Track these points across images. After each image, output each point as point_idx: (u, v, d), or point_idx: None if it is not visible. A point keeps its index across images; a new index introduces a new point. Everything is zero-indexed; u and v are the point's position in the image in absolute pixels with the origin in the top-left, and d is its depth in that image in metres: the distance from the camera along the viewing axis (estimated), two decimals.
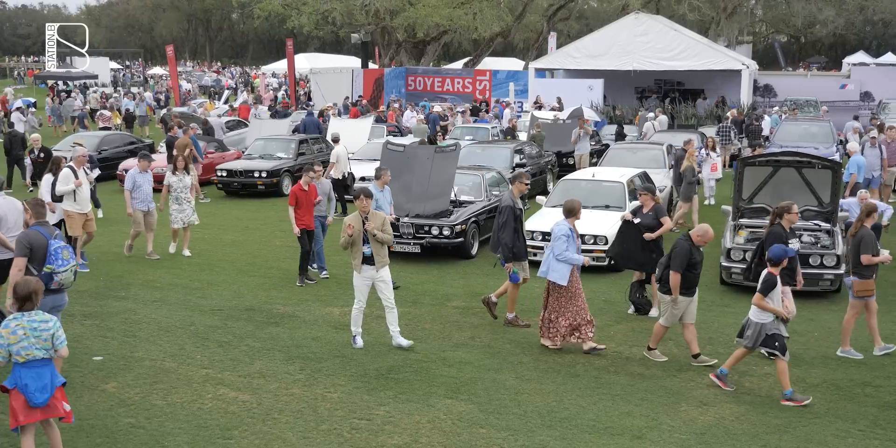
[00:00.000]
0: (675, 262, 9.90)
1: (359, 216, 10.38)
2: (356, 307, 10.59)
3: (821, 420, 8.62)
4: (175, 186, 15.18)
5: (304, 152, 23.50)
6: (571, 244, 10.43)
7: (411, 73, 44.94)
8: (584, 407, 8.86)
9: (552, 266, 10.42)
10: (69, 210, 13.87)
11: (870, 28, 78.88)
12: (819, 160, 14.44)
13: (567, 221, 10.61)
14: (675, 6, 51.69)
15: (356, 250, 10.36)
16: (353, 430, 8.25)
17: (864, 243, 10.28)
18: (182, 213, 15.17)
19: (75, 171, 13.92)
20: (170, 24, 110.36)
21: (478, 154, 21.05)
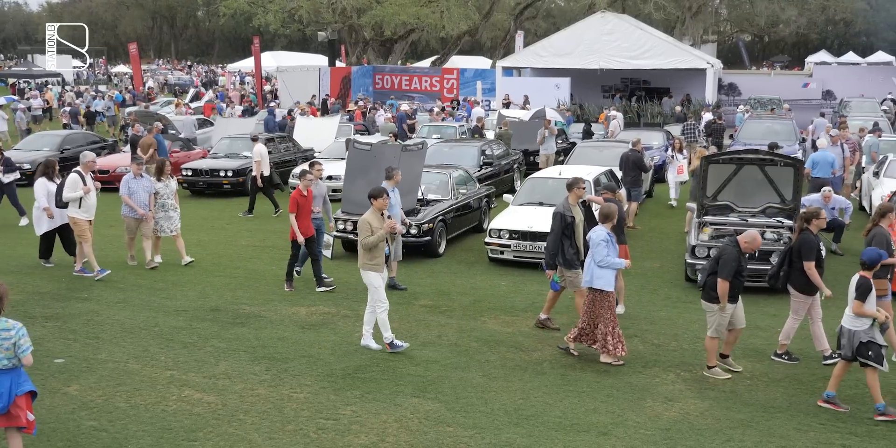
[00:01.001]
0: (724, 270, 9.45)
1: (380, 215, 10.34)
2: (382, 310, 10.34)
3: (783, 414, 8.72)
4: (161, 192, 14.57)
5: (271, 151, 23.32)
6: (612, 249, 10.12)
7: (379, 71, 44.85)
8: (550, 404, 8.90)
9: (595, 273, 10.09)
10: (75, 217, 13.46)
11: (831, 27, 79.81)
12: (781, 158, 14.59)
13: (604, 227, 10.26)
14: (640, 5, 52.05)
15: (379, 250, 10.24)
16: (319, 431, 8.22)
17: (877, 243, 10.15)
18: (169, 220, 14.55)
19: (83, 177, 13.50)
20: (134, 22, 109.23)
21: (445, 153, 21.05)
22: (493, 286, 13.56)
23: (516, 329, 11.38)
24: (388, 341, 10.39)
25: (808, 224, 10.27)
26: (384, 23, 46.57)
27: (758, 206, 14.42)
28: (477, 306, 12.44)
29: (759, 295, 12.88)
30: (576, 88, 37.62)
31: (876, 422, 8.55)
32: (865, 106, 33.71)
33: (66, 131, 28.42)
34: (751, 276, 13.07)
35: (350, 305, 12.34)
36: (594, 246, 10.14)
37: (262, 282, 13.61)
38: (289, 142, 24.60)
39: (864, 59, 65.17)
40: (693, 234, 13.85)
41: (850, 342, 8.69)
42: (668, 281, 13.96)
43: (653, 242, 16.61)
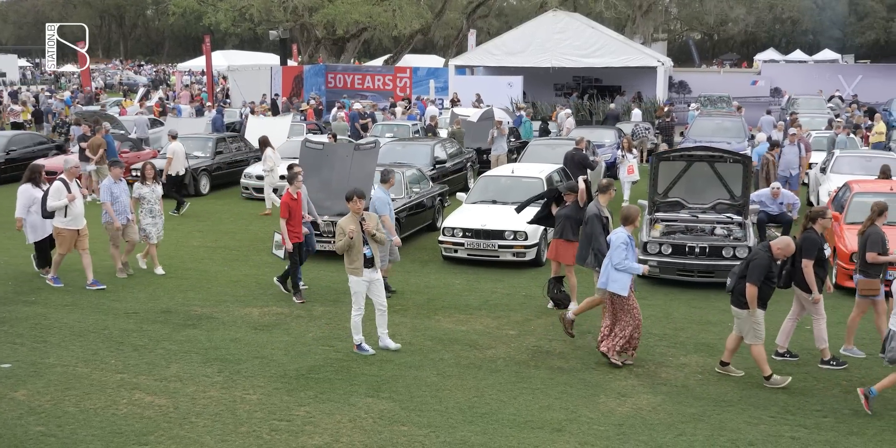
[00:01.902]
0: (753, 274, 9.27)
1: (355, 218, 10.10)
2: (356, 314, 10.21)
3: (734, 408, 8.83)
4: (147, 198, 13.94)
5: (222, 151, 23.15)
6: (631, 252, 9.89)
7: (331, 70, 44.61)
8: (504, 401, 8.92)
9: (611, 276, 9.89)
10: (59, 227, 12.81)
11: (779, 26, 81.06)
12: (730, 154, 14.79)
13: (625, 229, 10.01)
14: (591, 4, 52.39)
15: (355, 253, 10.02)
16: (272, 432, 8.15)
17: (871, 241, 10.15)
18: (156, 226, 13.96)
19: (67, 185, 12.79)
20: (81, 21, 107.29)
21: (398, 151, 21.02)
22: (447, 285, 13.56)
23: (470, 327, 11.40)
24: (356, 342, 10.32)
25: (813, 223, 10.12)
26: (336, 21, 46.28)
27: (708, 203, 14.60)
28: (431, 305, 12.43)
29: (709, 290, 13.03)
30: (528, 87, 37.75)
31: (824, 414, 8.69)
32: (813, 103, 34.28)
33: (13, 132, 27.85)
34: (702, 271, 13.30)
35: (303, 306, 12.27)
36: (613, 248, 9.89)
37: (214, 283, 13.47)
38: (240, 141, 24.38)
39: (811, 56, 66.31)
40: (645, 231, 13.98)
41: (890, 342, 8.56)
42: None
43: None
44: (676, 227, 14.05)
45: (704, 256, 13.24)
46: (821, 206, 10.59)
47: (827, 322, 11.47)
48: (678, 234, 13.79)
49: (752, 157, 18.44)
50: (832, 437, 8.16)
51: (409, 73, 43.46)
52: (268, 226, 17.40)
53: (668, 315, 12.01)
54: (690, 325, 11.56)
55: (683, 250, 13.34)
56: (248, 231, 17.57)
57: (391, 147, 21.43)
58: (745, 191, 14.48)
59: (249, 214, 19.22)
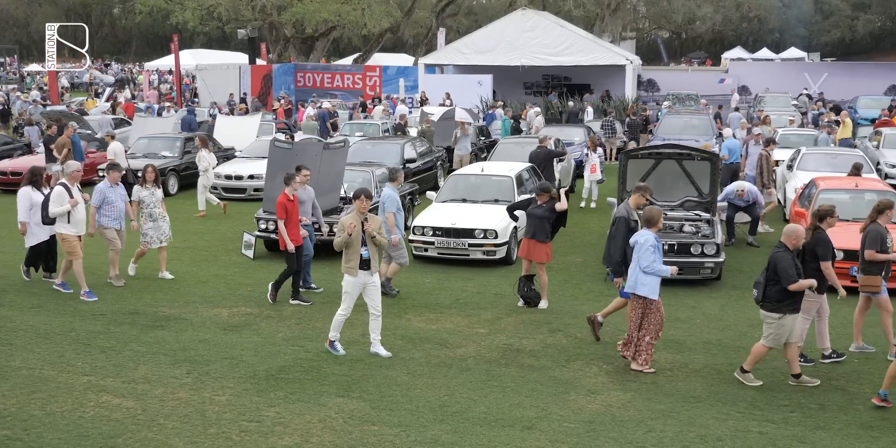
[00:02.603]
0: (785, 276, 9.05)
1: (358, 217, 9.97)
2: (341, 313, 10.09)
3: (703, 404, 8.89)
4: (147, 201, 13.42)
5: (190, 151, 22.97)
6: (658, 255, 9.70)
7: (300, 69, 44.45)
8: (475, 400, 8.92)
9: (640, 279, 9.67)
10: (63, 233, 12.40)
11: (746, 24, 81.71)
12: (698, 152, 14.90)
13: (650, 231, 9.82)
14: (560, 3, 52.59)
15: (352, 252, 9.89)
16: (242, 433, 8.10)
17: (870, 239, 10.08)
18: (158, 230, 13.45)
19: (69, 189, 12.39)
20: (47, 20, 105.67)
21: (368, 150, 20.97)
22: (417, 283, 13.54)
23: (441, 326, 11.39)
24: (331, 338, 10.25)
25: (821, 222, 9.98)
26: (305, 20, 46.11)
27: (676, 200, 14.70)
28: (401, 304, 12.41)
29: (678, 287, 13.12)
30: (498, 85, 37.84)
31: (792, 409, 8.78)
32: (779, 100, 34.66)
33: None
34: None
35: (273, 306, 12.20)
36: (641, 251, 9.66)
37: (182, 284, 13.36)
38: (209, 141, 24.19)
39: (777, 55, 66.96)
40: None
41: None
42: (591, 275, 14.12)
43: (575, 238, 16.77)
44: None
45: (673, 254, 13.29)
46: (827, 205, 10.40)
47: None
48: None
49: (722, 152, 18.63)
50: (799, 432, 8.24)
51: (379, 71, 43.41)
52: (237, 226, 17.31)
53: None
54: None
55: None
56: (217, 231, 17.45)
57: (361, 146, 21.38)
58: (713, 188, 14.60)
59: (218, 214, 19.08)
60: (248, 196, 20.89)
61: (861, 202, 14.70)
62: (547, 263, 12.36)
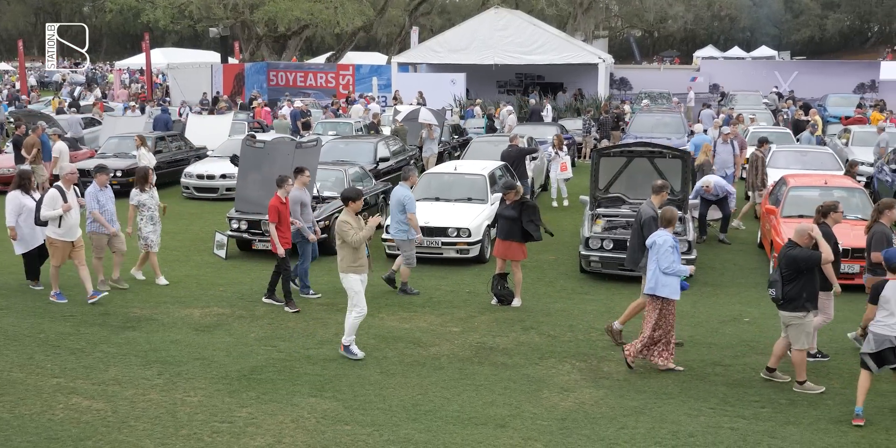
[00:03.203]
0: (813, 259, 8.99)
1: (355, 216, 9.93)
2: (357, 315, 9.96)
3: (674, 400, 8.94)
4: (147, 204, 13.16)
5: (162, 150, 22.80)
6: (678, 255, 9.68)
7: (273, 68, 44.23)
8: (448, 398, 8.92)
9: (661, 280, 9.61)
10: (52, 237, 11.98)
11: (717, 23, 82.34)
12: (669, 150, 14.98)
13: (667, 231, 9.82)
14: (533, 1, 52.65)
15: (360, 251, 9.89)
16: (213, 434, 8.05)
17: (876, 240, 9.99)
18: (156, 234, 13.25)
19: (64, 193, 11.99)
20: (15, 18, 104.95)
21: (341, 149, 20.89)
22: None
23: (414, 325, 11.38)
24: (346, 343, 10.07)
25: (825, 217, 9.99)
26: (277, 18, 45.88)
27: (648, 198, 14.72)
28: (374, 303, 12.33)
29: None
30: (472, 84, 37.86)
31: (762, 404, 8.84)
32: (750, 99, 34.94)
33: None
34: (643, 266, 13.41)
35: (245, 306, 12.14)
36: (661, 252, 9.60)
37: (153, 284, 13.24)
38: (180, 140, 24.05)
39: (748, 53, 67.49)
40: (587, 226, 14.09)
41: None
42: (564, 273, 14.17)
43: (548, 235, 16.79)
44: (618, 222, 14.18)
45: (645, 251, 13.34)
46: (831, 201, 10.35)
47: (764, 314, 11.68)
48: (619, 229, 13.92)
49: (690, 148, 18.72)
50: (770, 427, 8.31)
51: (352, 70, 43.30)
52: (209, 225, 17.19)
53: (610, 309, 12.10)
54: (632, 320, 11.60)
55: (625, 245, 13.42)
56: (189, 231, 17.33)
57: (334, 145, 21.29)
58: (685, 186, 14.66)
59: (190, 214, 18.96)
60: (220, 196, 20.76)
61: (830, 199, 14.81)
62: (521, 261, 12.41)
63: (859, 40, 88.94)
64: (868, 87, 39.32)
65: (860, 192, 14.98)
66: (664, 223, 9.90)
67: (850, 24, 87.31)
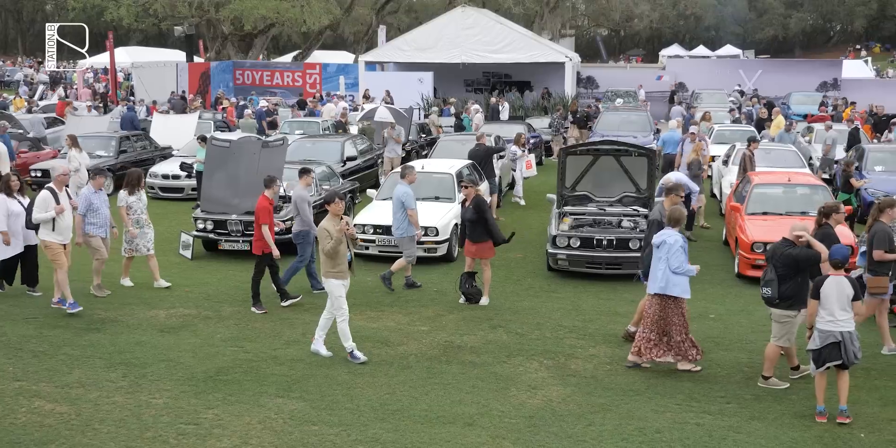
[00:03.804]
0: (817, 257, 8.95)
1: (335, 220, 9.76)
2: (342, 320, 9.84)
3: (641, 397, 9.00)
4: (135, 207, 12.80)
5: (126, 150, 22.59)
6: (685, 255, 9.65)
7: (239, 66, 43.91)
8: (416, 398, 8.91)
9: (671, 280, 9.55)
10: (47, 240, 11.64)
11: (683, 22, 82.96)
12: (635, 148, 15.06)
13: (675, 231, 9.77)
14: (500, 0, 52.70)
15: (340, 256, 9.72)
16: (179, 436, 7.98)
17: (878, 239, 9.99)
18: (144, 237, 12.90)
19: (56, 195, 11.68)
20: None
21: (308, 148, 20.81)
22: (357, 282, 13.35)
23: (382, 324, 11.35)
24: (348, 350, 9.93)
25: (828, 218, 9.99)
26: (243, 17, 45.54)
27: (614, 196, 14.84)
28: None
29: (617, 282, 13.27)
30: (439, 83, 37.81)
31: (728, 400, 8.92)
32: (715, 97, 35.21)
33: None
34: (609, 263, 13.51)
35: (211, 306, 12.05)
36: (670, 252, 9.53)
37: (117, 285, 13.09)
38: (145, 140, 23.83)
39: (713, 52, 68.04)
40: (554, 224, 14.13)
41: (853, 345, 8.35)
42: (531, 271, 14.20)
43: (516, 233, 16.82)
44: (584, 220, 14.24)
45: (612, 249, 13.45)
46: (833, 202, 10.26)
47: (729, 310, 11.78)
48: (586, 227, 13.98)
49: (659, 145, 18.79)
50: (735, 423, 8.38)
51: (319, 69, 43.11)
52: (174, 225, 17.03)
53: (577, 307, 12.17)
54: (599, 317, 11.74)
55: (591, 243, 13.53)
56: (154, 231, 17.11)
57: (300, 144, 21.20)
58: (651, 184, 14.77)
59: (155, 214, 18.68)
60: (185, 195, 20.59)
61: (794, 197, 15.01)
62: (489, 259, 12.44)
63: (822, 39, 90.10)
64: (830, 85, 39.74)
65: (823, 189, 15.15)
66: (671, 222, 9.84)
67: (812, 23, 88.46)
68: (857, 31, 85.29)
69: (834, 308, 8.35)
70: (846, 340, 8.33)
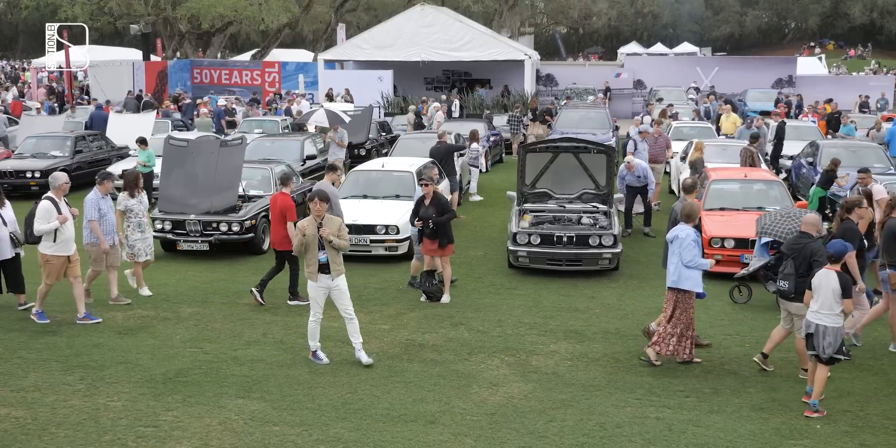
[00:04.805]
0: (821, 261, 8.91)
1: (313, 220, 9.62)
2: (312, 319, 9.73)
3: (601, 392, 9.06)
4: (135, 210, 12.30)
5: (82, 150, 22.30)
6: (699, 249, 9.72)
7: (196, 65, 43.50)
8: (378, 396, 8.89)
9: (683, 274, 9.65)
10: (47, 254, 11.04)
11: (641, 20, 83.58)
12: (594, 145, 15.15)
13: (689, 226, 9.83)
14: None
15: (311, 257, 9.58)
16: (138, 439, 7.89)
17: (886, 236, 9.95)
18: (144, 242, 12.41)
19: (57, 204, 11.07)
20: None
21: (267, 147, 20.69)
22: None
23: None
24: (312, 349, 9.86)
25: (849, 213, 10.01)
26: (201, 15, 45.10)
27: (574, 193, 14.92)
28: None
29: (577, 278, 13.36)
30: (399, 81, 37.77)
31: (687, 394, 9.01)
32: (673, 94, 35.55)
33: None
34: (570, 260, 13.59)
35: (170, 307, 11.93)
36: (683, 246, 9.61)
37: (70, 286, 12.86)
38: (101, 139, 23.53)
39: (671, 49, 68.69)
40: (514, 222, 14.18)
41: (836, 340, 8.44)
42: (492, 269, 14.23)
43: (476, 231, 16.91)
44: (544, 217, 14.30)
45: (572, 245, 13.52)
46: (855, 196, 10.27)
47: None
48: (546, 224, 14.04)
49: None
50: (694, 416, 8.47)
51: (278, 67, 42.85)
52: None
53: (538, 304, 12.22)
54: (560, 313, 11.80)
55: (552, 240, 13.58)
56: None
57: (259, 143, 21.07)
58: (609, 181, 14.87)
59: None
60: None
61: (750, 192, 15.19)
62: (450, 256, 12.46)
63: (777, 37, 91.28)
64: (786, 82, 40.34)
65: (779, 185, 15.36)
66: (684, 218, 9.91)
67: (767, 20, 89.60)
68: (811, 28, 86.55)
69: (818, 300, 8.53)
70: (818, 333, 8.48)
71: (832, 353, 8.47)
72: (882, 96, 36.63)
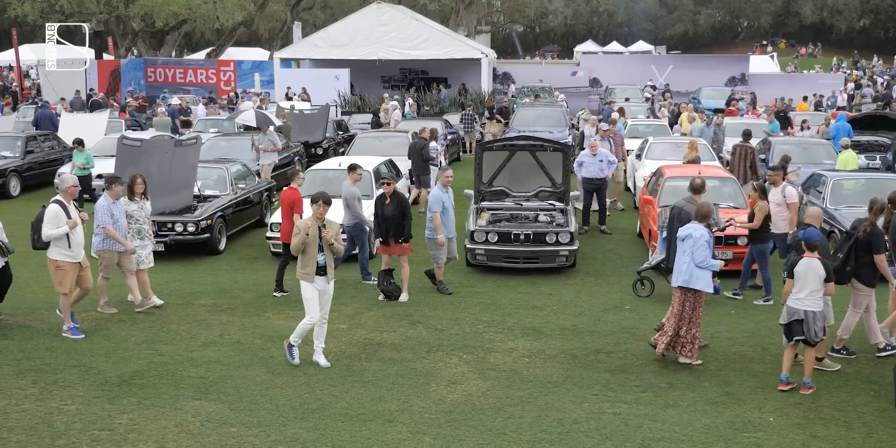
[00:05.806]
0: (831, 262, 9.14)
1: (315, 222, 9.54)
2: (307, 321, 9.59)
3: (559, 388, 9.12)
4: (136, 216, 11.88)
5: (33, 150, 21.96)
6: (711, 249, 9.71)
7: (150, 64, 43.03)
8: (336, 396, 8.87)
9: (695, 273, 9.61)
10: (59, 260, 10.60)
11: (596, 19, 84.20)
12: (550, 143, 15.24)
13: (702, 225, 9.80)
14: None
15: (308, 258, 9.47)
16: (93, 442, 7.80)
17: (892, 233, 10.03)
18: (145, 249, 11.95)
19: (66, 208, 10.64)
20: None
21: (222, 146, 20.55)
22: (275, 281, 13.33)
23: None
24: (291, 341, 9.76)
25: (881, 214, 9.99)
26: (154, 13, 44.63)
27: (531, 191, 15.00)
28: (260, 302, 12.23)
29: (535, 276, 13.43)
30: (356, 79, 37.69)
31: (643, 389, 9.11)
32: (629, 92, 35.84)
33: None
34: (527, 257, 13.65)
35: (125, 309, 11.79)
36: (696, 246, 9.60)
37: (26, 290, 12.71)
38: (53, 140, 23.18)
39: (626, 48, 69.23)
40: (472, 220, 14.21)
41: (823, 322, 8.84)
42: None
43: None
44: (502, 215, 14.35)
45: (529, 243, 13.58)
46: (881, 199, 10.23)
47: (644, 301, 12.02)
48: (503, 222, 14.09)
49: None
50: (650, 411, 8.56)
51: (234, 66, 42.55)
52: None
53: (496, 301, 12.27)
54: (517, 311, 11.85)
55: (509, 238, 13.64)
56: None
57: (215, 142, 20.92)
58: (566, 178, 14.97)
59: None
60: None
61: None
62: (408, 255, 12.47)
63: (730, 35, 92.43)
64: (739, 80, 40.88)
65: (731, 182, 15.54)
66: (698, 217, 9.90)
67: (721, 19, 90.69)
68: (763, 27, 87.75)
69: (803, 288, 8.85)
70: (809, 319, 8.85)
71: (823, 336, 8.96)
72: (833, 94, 37.29)
